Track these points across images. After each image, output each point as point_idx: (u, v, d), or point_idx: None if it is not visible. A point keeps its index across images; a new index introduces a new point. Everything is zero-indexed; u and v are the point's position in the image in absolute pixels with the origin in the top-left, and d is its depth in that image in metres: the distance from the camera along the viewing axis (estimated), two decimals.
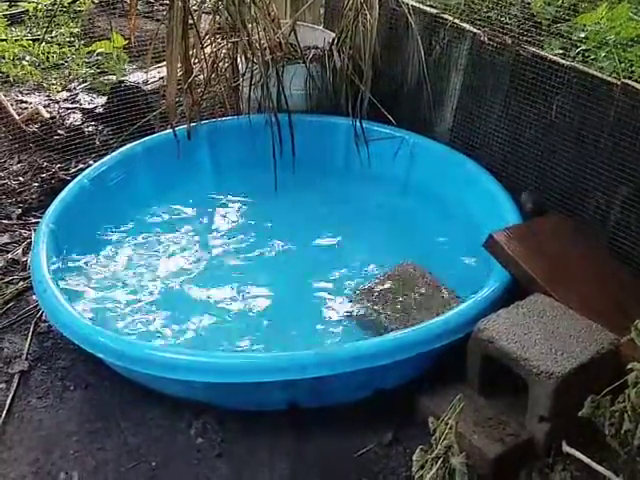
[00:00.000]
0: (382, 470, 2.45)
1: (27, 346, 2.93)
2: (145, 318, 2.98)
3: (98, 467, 2.47)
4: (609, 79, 2.96)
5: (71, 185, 3.42)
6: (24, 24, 5.44)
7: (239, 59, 3.85)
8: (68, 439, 2.56)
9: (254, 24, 3.71)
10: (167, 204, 3.66)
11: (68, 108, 4.39)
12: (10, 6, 5.70)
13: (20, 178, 3.88)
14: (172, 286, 3.15)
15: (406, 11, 3.69)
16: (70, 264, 3.17)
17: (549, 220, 3.14)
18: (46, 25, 5.20)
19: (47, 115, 4.24)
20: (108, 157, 3.65)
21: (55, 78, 4.78)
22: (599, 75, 3.00)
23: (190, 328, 2.93)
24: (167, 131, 3.76)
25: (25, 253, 3.39)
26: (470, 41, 3.49)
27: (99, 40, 4.84)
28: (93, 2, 5.34)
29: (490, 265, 2.90)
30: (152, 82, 4.18)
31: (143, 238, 3.45)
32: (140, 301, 3.06)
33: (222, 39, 3.81)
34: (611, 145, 2.95)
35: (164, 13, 4.04)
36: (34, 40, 5.05)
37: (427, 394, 2.59)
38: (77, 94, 4.55)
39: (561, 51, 3.26)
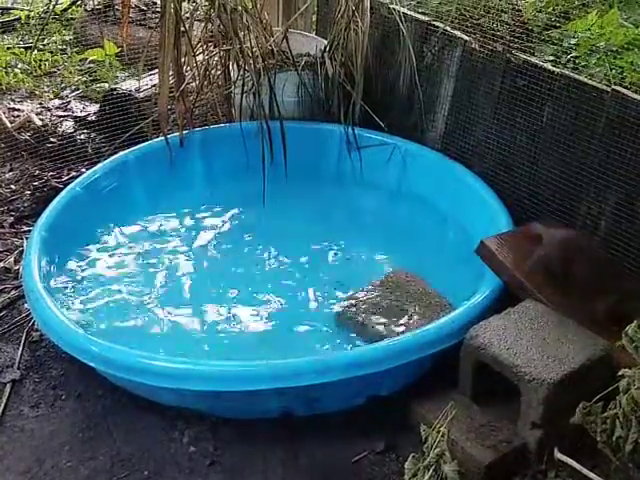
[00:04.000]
0: (375, 478, 2.45)
1: (19, 355, 2.92)
2: (137, 326, 2.98)
3: (90, 477, 2.46)
4: (600, 86, 2.97)
5: (63, 193, 3.41)
6: (16, 32, 5.43)
7: (231, 67, 3.85)
8: (60, 449, 2.55)
9: (246, 32, 3.71)
10: (160, 212, 3.66)
11: (60, 116, 4.38)
12: (2, 14, 5.71)
13: (12, 186, 3.87)
14: (164, 294, 3.15)
15: (398, 19, 3.70)
16: (62, 272, 3.17)
17: (541, 226, 3.14)
18: (38, 33, 5.19)
19: (39, 123, 4.23)
20: (100, 165, 3.64)
21: (47, 86, 4.77)
22: (590, 82, 3.00)
23: (182, 337, 2.92)
24: (159, 139, 3.75)
25: (17, 261, 3.37)
26: (461, 48, 3.50)
27: (91, 48, 4.84)
28: (85, 10, 5.35)
29: (482, 272, 2.90)
30: (144, 90, 4.17)
31: (135, 246, 3.44)
32: (132, 309, 3.05)
33: (214, 47, 3.81)
34: (602, 152, 2.96)
35: (156, 21, 4.05)
36: (26, 48, 5.04)
37: (420, 401, 2.59)
38: (69, 102, 4.54)
39: (552, 58, 3.27)
